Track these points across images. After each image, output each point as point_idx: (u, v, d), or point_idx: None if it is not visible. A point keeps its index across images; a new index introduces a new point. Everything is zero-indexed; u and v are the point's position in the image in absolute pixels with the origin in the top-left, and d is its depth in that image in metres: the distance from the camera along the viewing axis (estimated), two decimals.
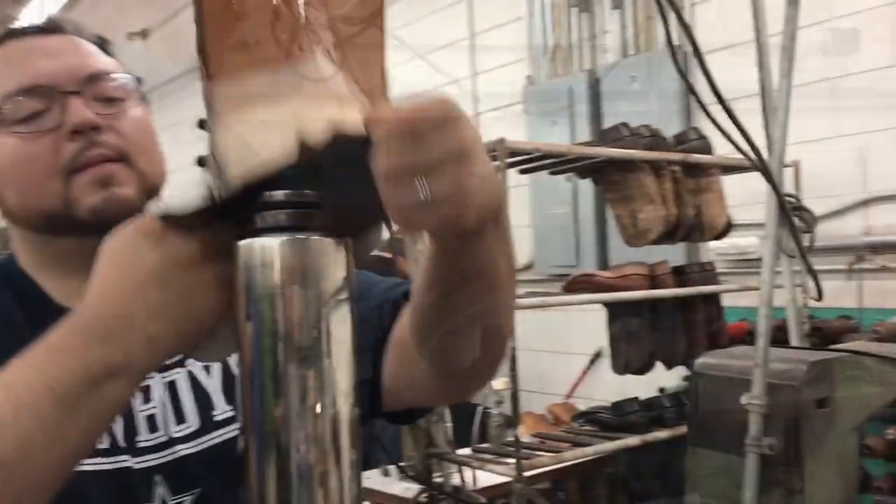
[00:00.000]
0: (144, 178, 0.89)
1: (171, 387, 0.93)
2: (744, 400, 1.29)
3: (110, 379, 0.63)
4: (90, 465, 0.83)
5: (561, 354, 4.61)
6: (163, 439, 0.92)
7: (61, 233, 0.89)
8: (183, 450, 0.92)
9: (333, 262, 0.58)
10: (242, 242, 0.58)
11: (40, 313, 0.84)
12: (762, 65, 1.79)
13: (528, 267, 4.75)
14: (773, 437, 1.25)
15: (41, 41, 0.92)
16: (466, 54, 5.15)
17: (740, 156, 1.56)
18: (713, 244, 3.39)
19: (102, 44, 0.96)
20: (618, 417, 2.71)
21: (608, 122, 4.14)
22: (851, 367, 1.35)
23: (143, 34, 9.24)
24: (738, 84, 1.75)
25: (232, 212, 0.59)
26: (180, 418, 0.93)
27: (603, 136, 2.92)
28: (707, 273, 2.92)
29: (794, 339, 2.63)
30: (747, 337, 3.25)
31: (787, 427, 1.24)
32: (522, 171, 2.98)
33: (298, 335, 0.57)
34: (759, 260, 1.59)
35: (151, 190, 0.90)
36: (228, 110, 0.61)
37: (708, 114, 1.44)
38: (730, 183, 3.04)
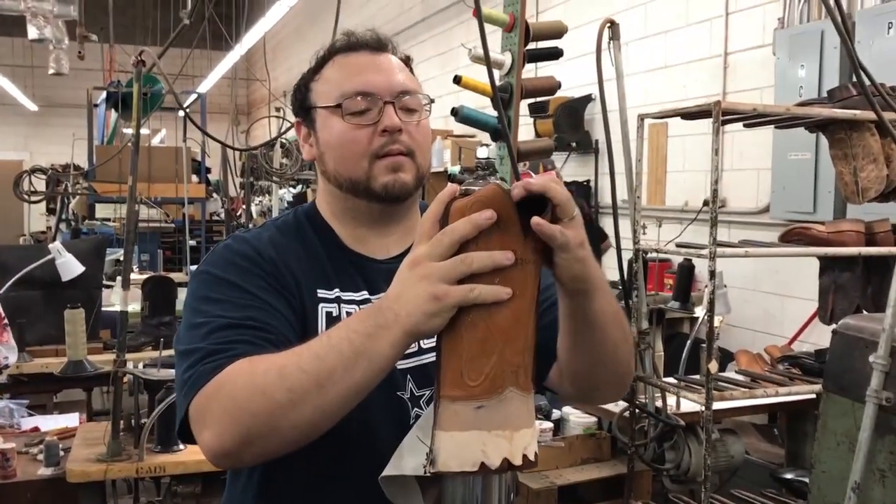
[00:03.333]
0: (419, 170, 1.26)
1: None
2: (871, 358, 1.52)
3: (381, 331, 0.96)
4: None
5: (790, 298, 4.65)
6: (414, 349, 1.21)
7: (359, 196, 1.25)
8: (427, 358, 1.22)
9: None
10: None
11: (334, 250, 1.27)
12: None
13: (764, 210, 4.80)
14: (891, 391, 1.48)
15: (373, 58, 1.28)
16: None
17: None
18: None
19: (407, 62, 1.35)
20: (818, 363, 2.87)
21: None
22: None
23: None
24: None
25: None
26: None
27: (831, 94, 2.98)
28: None
29: None
30: None
31: None
32: (747, 126, 3.13)
33: None
34: None
35: (422, 178, 1.28)
36: (450, 421, 0.92)
37: None
38: None
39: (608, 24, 2.91)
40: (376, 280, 1.25)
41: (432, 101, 1.31)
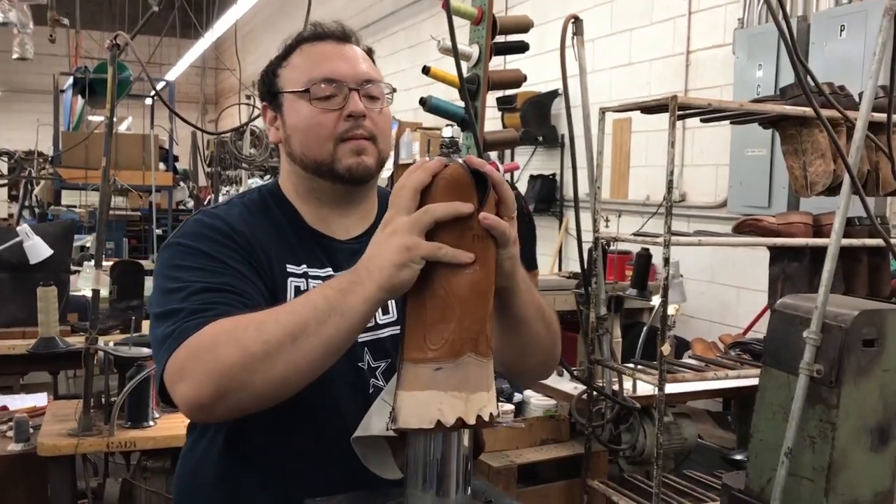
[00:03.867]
0: (381, 154, 1.33)
1: None
2: (804, 334, 1.64)
3: (354, 286, 1.04)
4: None
5: (746, 290, 4.81)
6: (371, 324, 1.28)
7: (323, 177, 1.31)
8: (383, 332, 1.32)
9: None
10: None
11: (299, 229, 1.34)
12: None
13: (722, 205, 4.96)
14: (821, 364, 1.60)
15: (339, 48, 1.35)
16: None
17: None
18: None
19: (370, 53, 1.41)
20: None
21: (814, 69, 4.22)
22: None
23: None
24: None
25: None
26: (385, 310, 1.33)
27: (783, 91, 3.12)
28: (873, 227, 3.07)
29: None
30: None
31: (833, 358, 1.59)
32: (704, 121, 3.26)
33: None
34: None
35: (383, 163, 1.35)
36: (411, 382, 1.00)
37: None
38: None
39: (572, 20, 3.01)
40: (339, 259, 1.33)
41: (394, 90, 1.39)
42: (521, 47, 3.47)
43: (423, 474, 1.06)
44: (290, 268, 1.30)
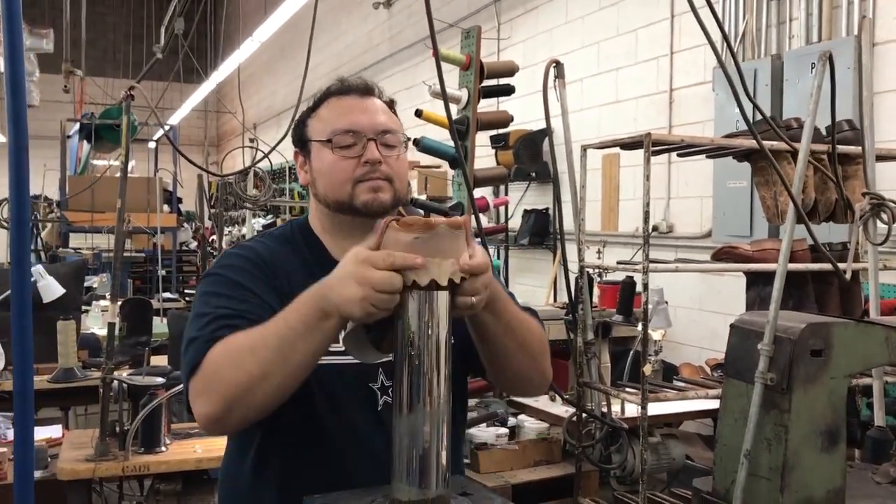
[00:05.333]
0: (397, 194, 1.51)
1: None
2: (758, 346, 1.82)
3: (325, 318, 1.22)
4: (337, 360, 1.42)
5: (732, 316, 4.97)
6: None
7: (344, 213, 1.49)
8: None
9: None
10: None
11: (322, 259, 1.52)
12: None
13: (707, 235, 5.15)
14: (774, 373, 1.78)
15: (361, 101, 1.53)
16: (666, 35, 5.54)
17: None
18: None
19: (391, 105, 1.59)
20: None
21: (788, 105, 4.44)
22: (853, 329, 1.83)
23: (388, 3, 10.27)
24: None
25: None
26: None
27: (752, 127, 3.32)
28: (843, 252, 3.25)
29: None
30: (892, 312, 3.55)
31: (784, 367, 1.76)
32: (680, 155, 3.46)
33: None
34: None
35: (399, 201, 1.53)
36: (392, 247, 1.17)
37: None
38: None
39: (554, 65, 3.22)
40: None
41: (409, 139, 1.58)
42: (508, 90, 3.70)
43: (407, 466, 1.23)
44: None
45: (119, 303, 4.84)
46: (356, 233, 1.51)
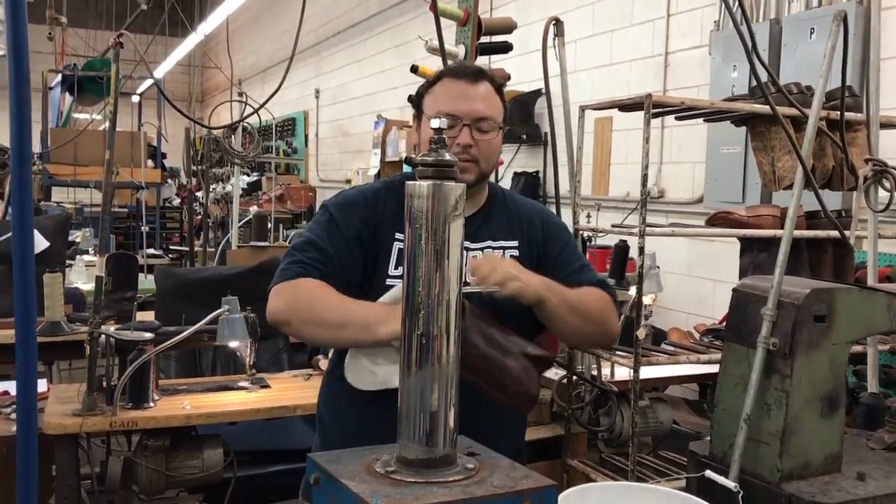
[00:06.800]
0: (482, 171, 1.85)
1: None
2: (762, 311, 1.80)
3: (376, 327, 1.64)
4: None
5: (721, 282, 4.99)
6: None
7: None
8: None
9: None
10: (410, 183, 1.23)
11: None
12: None
13: (698, 200, 5.13)
14: (776, 338, 1.76)
15: (468, 88, 1.83)
16: None
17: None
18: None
19: (501, 86, 1.89)
20: None
21: (785, 70, 4.40)
22: (856, 295, 1.81)
23: None
24: None
25: None
26: None
27: (752, 91, 3.28)
28: (839, 220, 3.23)
29: None
30: (886, 280, 3.56)
31: (787, 332, 1.74)
32: (678, 118, 3.41)
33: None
34: None
35: (484, 176, 1.88)
36: None
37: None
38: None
39: (553, 22, 3.16)
40: None
41: (501, 127, 1.87)
42: (506, 47, 3.63)
43: (415, 425, 1.21)
44: (399, 235, 1.80)
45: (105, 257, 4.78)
46: None
